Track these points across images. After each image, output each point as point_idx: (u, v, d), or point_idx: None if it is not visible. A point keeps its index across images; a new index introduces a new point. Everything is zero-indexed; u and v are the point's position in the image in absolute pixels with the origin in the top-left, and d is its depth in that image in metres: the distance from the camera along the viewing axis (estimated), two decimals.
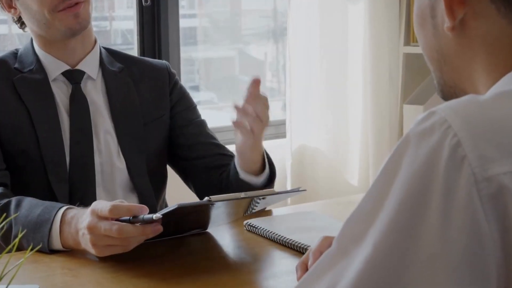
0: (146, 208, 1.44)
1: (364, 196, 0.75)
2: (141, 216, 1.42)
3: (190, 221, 1.61)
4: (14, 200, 1.62)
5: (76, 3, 1.78)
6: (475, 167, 0.69)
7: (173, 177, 2.02)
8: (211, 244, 1.63)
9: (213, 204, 1.45)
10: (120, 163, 1.85)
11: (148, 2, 2.97)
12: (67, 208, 1.56)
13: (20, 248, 1.53)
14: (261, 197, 1.53)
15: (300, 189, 1.62)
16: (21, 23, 1.89)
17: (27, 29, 1.88)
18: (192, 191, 1.96)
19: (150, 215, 1.41)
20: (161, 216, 1.40)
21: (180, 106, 1.96)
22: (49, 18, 1.78)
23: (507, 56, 0.82)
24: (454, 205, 0.68)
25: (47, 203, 1.60)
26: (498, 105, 0.74)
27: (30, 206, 1.59)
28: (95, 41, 1.91)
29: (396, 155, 0.73)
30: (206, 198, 1.44)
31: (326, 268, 0.74)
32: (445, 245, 0.68)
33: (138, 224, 1.43)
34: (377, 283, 0.69)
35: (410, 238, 0.69)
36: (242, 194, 1.48)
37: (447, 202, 0.69)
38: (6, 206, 1.61)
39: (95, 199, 1.78)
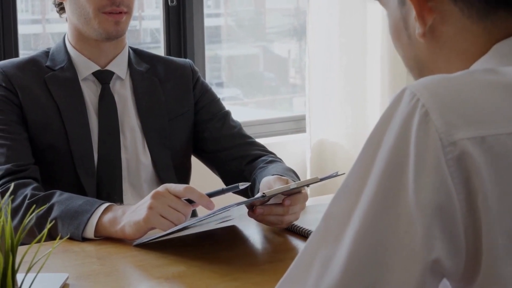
0: (213, 205, 1.53)
1: (348, 173, 0.80)
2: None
3: None
4: (58, 191, 1.68)
5: (120, 12, 1.85)
6: (441, 132, 0.74)
7: (196, 170, 2.08)
8: (234, 235, 1.67)
9: (267, 198, 1.51)
10: (145, 159, 1.92)
11: (174, 2, 3.03)
12: (112, 204, 1.63)
13: (53, 232, 1.59)
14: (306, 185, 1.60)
15: (339, 173, 1.67)
16: (60, 8, 1.94)
17: (64, 15, 1.94)
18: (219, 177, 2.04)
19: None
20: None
21: (204, 101, 2.03)
22: (92, 16, 1.85)
23: (475, 52, 0.87)
24: (425, 169, 0.74)
25: (90, 198, 1.68)
26: (464, 80, 0.79)
27: (72, 197, 1.66)
28: (125, 43, 1.99)
29: (376, 133, 0.80)
30: (259, 194, 1.50)
31: (317, 247, 0.79)
32: (419, 206, 0.73)
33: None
34: (367, 254, 0.74)
35: (392, 205, 0.75)
36: (293, 185, 1.55)
37: (419, 166, 0.74)
38: (51, 195, 1.67)
39: (121, 194, 1.86)
